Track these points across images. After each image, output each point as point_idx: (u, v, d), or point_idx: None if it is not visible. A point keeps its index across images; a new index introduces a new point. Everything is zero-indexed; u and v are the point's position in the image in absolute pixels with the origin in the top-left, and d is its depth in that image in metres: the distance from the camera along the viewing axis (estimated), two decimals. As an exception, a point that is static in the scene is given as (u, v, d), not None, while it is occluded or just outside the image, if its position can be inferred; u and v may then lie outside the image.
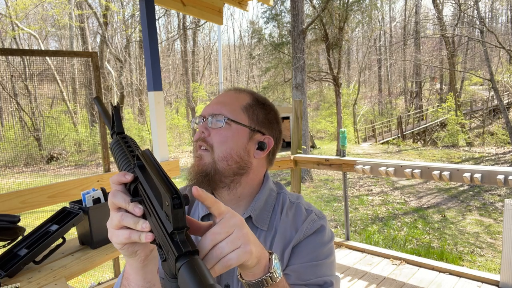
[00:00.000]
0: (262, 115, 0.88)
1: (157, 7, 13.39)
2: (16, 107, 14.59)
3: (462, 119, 19.73)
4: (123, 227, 0.52)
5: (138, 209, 0.51)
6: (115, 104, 0.64)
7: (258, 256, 0.57)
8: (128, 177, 0.54)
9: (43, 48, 19.71)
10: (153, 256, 0.59)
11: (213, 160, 0.82)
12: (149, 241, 0.49)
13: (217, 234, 0.52)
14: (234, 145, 0.83)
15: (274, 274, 0.61)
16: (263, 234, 0.85)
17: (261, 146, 0.86)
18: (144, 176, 0.53)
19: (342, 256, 3.60)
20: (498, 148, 16.58)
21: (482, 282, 2.92)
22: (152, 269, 0.60)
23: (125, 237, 0.52)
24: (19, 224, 1.88)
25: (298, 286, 0.77)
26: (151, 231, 0.50)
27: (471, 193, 9.79)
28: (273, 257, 0.62)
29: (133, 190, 0.55)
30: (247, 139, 0.85)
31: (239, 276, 0.63)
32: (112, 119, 0.65)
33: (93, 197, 2.05)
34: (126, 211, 0.52)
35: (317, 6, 15.68)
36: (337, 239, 4.00)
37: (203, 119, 0.86)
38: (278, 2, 17.81)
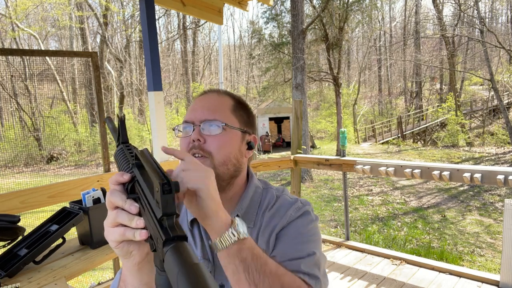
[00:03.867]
0: (246, 115, 0.91)
1: (157, 7, 13.39)
2: (16, 107, 14.59)
3: (462, 119, 19.73)
4: (119, 225, 0.53)
5: (134, 207, 0.52)
6: (121, 116, 0.66)
7: (215, 199, 0.63)
8: (126, 176, 0.55)
9: (43, 48, 19.71)
10: (150, 259, 0.59)
11: (213, 166, 0.82)
12: (144, 239, 0.50)
13: (188, 164, 0.63)
14: (232, 149, 0.85)
15: (238, 230, 0.64)
16: (249, 231, 0.85)
17: (250, 146, 0.90)
18: (141, 174, 0.54)
19: (342, 256, 3.60)
20: (498, 148, 16.58)
21: (482, 282, 2.92)
22: (149, 271, 0.60)
23: (119, 234, 0.53)
24: (19, 224, 1.88)
25: (282, 263, 0.78)
26: (145, 228, 0.51)
27: (471, 193, 9.79)
28: (236, 219, 0.65)
29: (130, 189, 0.56)
30: (240, 141, 0.88)
31: (209, 244, 0.67)
32: (118, 131, 0.66)
33: (93, 197, 2.05)
34: (123, 210, 0.53)
35: (317, 6, 15.69)
36: (337, 239, 4.00)
37: (193, 126, 0.84)
38: (278, 2, 17.81)
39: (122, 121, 0.65)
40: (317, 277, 0.77)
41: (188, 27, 24.92)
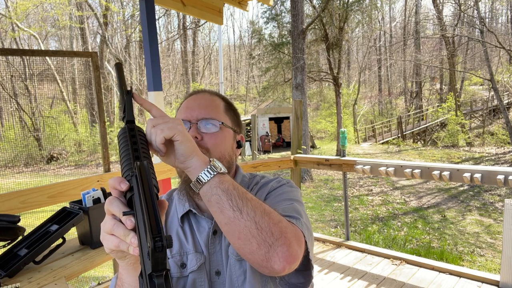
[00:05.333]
0: (235, 116, 0.96)
1: (157, 7, 13.39)
2: (16, 107, 14.58)
3: (462, 119, 19.72)
4: (115, 235, 0.53)
5: (130, 222, 0.51)
6: (128, 89, 0.62)
7: (191, 141, 0.66)
8: (124, 186, 0.55)
9: (43, 48, 19.71)
10: None
11: None
12: (137, 254, 0.49)
13: (157, 119, 0.64)
14: (226, 146, 0.90)
15: (216, 165, 0.67)
16: None
17: (239, 144, 0.96)
18: (139, 188, 0.52)
19: (342, 256, 3.60)
20: (498, 148, 16.58)
21: (482, 282, 2.92)
22: None
23: (114, 244, 0.53)
24: (19, 224, 1.88)
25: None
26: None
27: (471, 193, 9.79)
28: (213, 159, 0.69)
29: (128, 198, 0.54)
30: (233, 139, 0.93)
31: (191, 185, 0.68)
32: (124, 106, 0.63)
33: (93, 197, 2.05)
34: (120, 221, 0.53)
35: (317, 6, 15.68)
36: (337, 239, 4.00)
37: (190, 124, 0.86)
38: (278, 2, 17.82)
39: (129, 95, 0.61)
40: (297, 217, 0.78)
41: (188, 27, 24.93)
